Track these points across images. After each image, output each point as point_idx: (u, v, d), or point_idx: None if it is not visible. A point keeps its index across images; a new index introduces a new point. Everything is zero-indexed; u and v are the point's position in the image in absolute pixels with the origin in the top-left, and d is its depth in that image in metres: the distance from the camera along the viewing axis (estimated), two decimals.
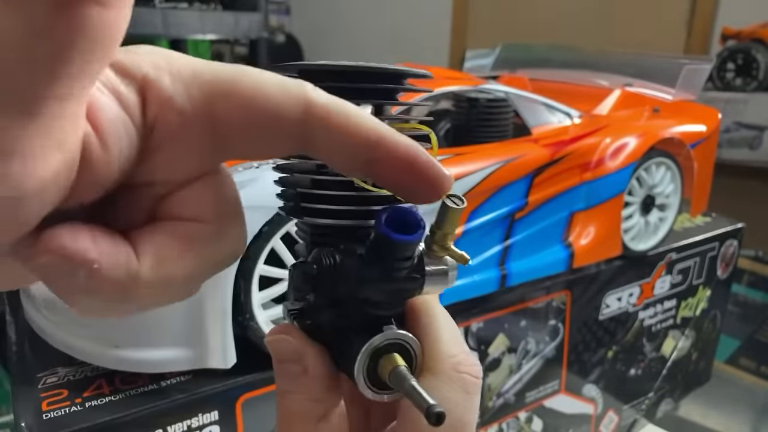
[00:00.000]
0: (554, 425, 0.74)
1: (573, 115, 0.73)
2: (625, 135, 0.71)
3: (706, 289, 0.88)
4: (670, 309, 0.84)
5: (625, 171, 0.70)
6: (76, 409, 0.44)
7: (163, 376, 0.48)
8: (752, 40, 1.38)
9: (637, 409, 0.85)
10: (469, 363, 0.21)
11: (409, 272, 0.20)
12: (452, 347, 0.21)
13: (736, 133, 1.36)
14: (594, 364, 0.76)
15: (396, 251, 0.19)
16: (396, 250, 0.19)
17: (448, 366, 0.21)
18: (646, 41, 1.83)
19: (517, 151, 0.63)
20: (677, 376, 0.89)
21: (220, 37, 1.46)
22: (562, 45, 1.20)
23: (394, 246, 0.19)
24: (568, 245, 0.69)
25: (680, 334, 0.87)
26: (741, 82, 1.37)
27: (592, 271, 0.71)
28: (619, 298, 0.75)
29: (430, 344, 0.21)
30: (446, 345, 0.21)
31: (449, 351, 0.21)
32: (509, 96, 0.68)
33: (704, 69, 0.83)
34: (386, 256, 0.19)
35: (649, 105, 0.83)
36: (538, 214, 0.66)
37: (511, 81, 0.90)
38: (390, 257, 0.20)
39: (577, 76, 0.89)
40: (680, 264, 0.82)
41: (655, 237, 0.77)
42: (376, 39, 2.32)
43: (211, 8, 1.34)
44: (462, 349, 0.21)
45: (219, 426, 0.48)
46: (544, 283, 0.67)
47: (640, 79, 0.86)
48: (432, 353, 0.21)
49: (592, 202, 0.69)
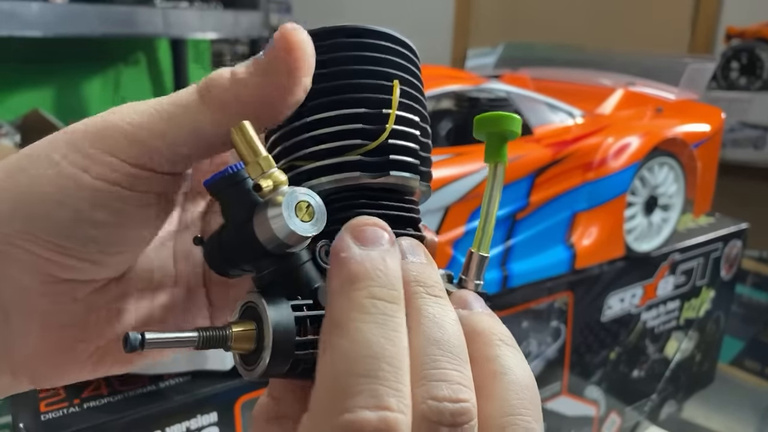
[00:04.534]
0: (556, 427, 0.74)
1: (575, 114, 0.72)
2: (627, 135, 0.71)
3: (709, 290, 0.87)
4: (673, 310, 0.83)
5: (628, 171, 0.69)
6: (74, 410, 0.44)
7: (161, 377, 0.48)
8: (757, 39, 1.37)
9: (640, 411, 0.85)
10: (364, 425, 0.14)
11: (237, 217, 0.19)
12: (338, 396, 0.15)
13: (741, 133, 1.36)
14: (596, 366, 0.76)
15: (216, 198, 0.20)
16: (213, 196, 0.20)
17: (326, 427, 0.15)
18: (649, 40, 1.82)
19: (518, 151, 0.63)
20: (680, 377, 0.89)
21: (221, 36, 1.46)
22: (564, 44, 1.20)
23: (211, 194, 0.20)
24: (570, 246, 0.69)
25: (683, 335, 0.86)
26: (745, 82, 1.37)
27: (595, 272, 0.71)
28: (622, 299, 0.75)
29: (315, 383, 0.16)
30: (329, 391, 0.15)
31: (331, 403, 0.15)
32: (511, 95, 0.68)
33: (708, 68, 0.83)
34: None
35: (652, 104, 0.82)
36: (540, 214, 0.66)
37: (513, 80, 0.89)
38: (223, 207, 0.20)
39: (580, 76, 0.89)
40: (683, 265, 0.81)
41: (658, 237, 0.76)
42: None
43: (211, 7, 1.34)
44: (362, 401, 0.14)
45: (218, 427, 0.47)
46: (546, 284, 0.67)
47: (643, 79, 0.86)
48: (312, 400, 0.16)
49: (595, 203, 0.69)
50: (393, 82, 0.20)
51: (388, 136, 0.20)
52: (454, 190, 0.57)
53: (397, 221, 0.20)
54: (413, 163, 0.21)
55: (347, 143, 0.20)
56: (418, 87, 0.22)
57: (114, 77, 1.37)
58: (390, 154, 0.20)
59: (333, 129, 0.20)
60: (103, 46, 1.35)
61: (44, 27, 1.05)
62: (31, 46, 1.21)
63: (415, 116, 0.21)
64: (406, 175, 0.21)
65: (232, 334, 0.18)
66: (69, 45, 1.24)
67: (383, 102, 0.20)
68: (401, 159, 0.20)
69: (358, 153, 0.20)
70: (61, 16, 1.08)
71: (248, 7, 1.41)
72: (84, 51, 1.32)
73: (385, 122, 0.20)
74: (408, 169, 0.21)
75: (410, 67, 0.22)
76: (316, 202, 0.18)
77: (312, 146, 0.20)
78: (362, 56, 0.20)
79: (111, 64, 1.36)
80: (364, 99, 0.20)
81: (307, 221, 0.18)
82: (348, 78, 0.20)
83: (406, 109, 0.21)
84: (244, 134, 0.18)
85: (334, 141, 0.20)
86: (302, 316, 0.18)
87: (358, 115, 0.20)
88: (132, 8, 1.17)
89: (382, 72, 0.21)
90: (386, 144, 0.20)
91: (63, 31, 1.09)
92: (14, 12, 1.01)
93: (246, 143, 0.18)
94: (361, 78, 0.20)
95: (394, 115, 0.20)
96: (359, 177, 0.20)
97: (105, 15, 1.13)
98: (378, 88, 0.20)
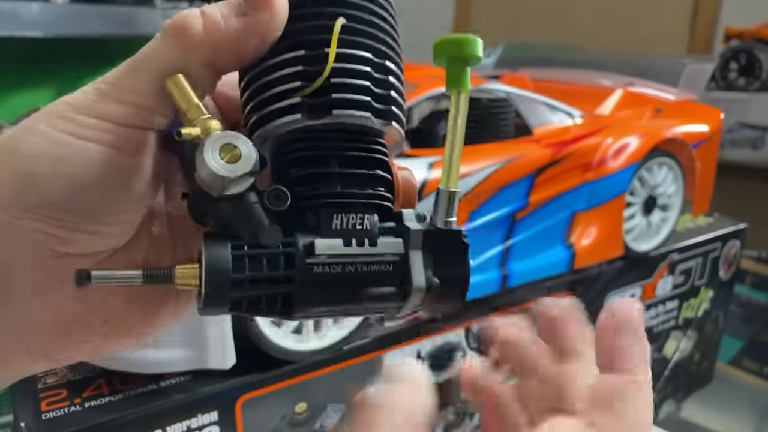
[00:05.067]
0: None
1: (575, 114, 0.73)
2: (627, 135, 0.71)
3: (708, 290, 0.87)
4: (672, 310, 0.83)
5: (627, 171, 0.69)
6: (75, 409, 0.44)
7: (162, 376, 0.48)
8: (755, 39, 1.37)
9: None
10: None
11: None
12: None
13: (739, 133, 1.36)
14: None
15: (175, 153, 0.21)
16: (173, 153, 0.21)
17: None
18: (648, 41, 1.82)
19: (518, 151, 0.63)
20: (679, 377, 0.89)
21: None
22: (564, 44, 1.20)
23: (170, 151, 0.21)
24: (569, 246, 0.69)
25: (682, 335, 0.87)
26: (744, 82, 1.37)
27: (594, 271, 0.71)
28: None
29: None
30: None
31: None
32: (510, 96, 0.68)
33: (707, 69, 0.83)
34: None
35: (652, 105, 0.82)
36: (540, 214, 0.66)
37: (513, 80, 0.89)
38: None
39: (579, 76, 0.89)
40: (682, 265, 0.81)
41: (657, 237, 0.76)
42: None
43: None
44: None
45: (218, 426, 0.47)
46: (545, 284, 0.67)
47: (642, 79, 0.86)
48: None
49: (594, 203, 0.69)
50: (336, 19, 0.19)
51: (332, 75, 0.19)
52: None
53: (353, 161, 0.20)
54: (361, 101, 0.20)
55: (288, 87, 0.19)
56: (382, 28, 0.21)
57: None
58: (333, 93, 0.19)
59: (275, 75, 0.20)
60: (103, 46, 1.35)
61: (44, 27, 1.05)
62: (31, 46, 1.21)
63: (368, 53, 0.20)
64: (353, 113, 0.19)
65: (176, 271, 0.19)
66: (69, 45, 1.24)
67: (326, 42, 0.19)
68: (345, 97, 0.19)
69: (300, 95, 0.19)
70: (62, 16, 1.08)
71: None
72: (84, 51, 1.32)
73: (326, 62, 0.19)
74: (355, 106, 0.19)
75: (370, 7, 0.20)
76: (244, 145, 0.18)
77: (257, 96, 0.20)
78: (312, 2, 0.20)
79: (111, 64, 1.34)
80: (306, 41, 0.19)
81: (232, 162, 0.18)
82: (294, 23, 0.20)
83: (356, 47, 0.20)
84: (178, 86, 0.18)
85: (276, 87, 0.20)
86: (239, 255, 0.18)
87: (298, 58, 0.19)
88: (132, 9, 1.17)
89: (329, 13, 0.20)
90: (329, 84, 0.19)
91: (63, 32, 1.09)
92: (14, 12, 1.01)
93: (180, 94, 0.18)
94: (306, 21, 0.20)
95: (333, 52, 0.19)
96: (301, 120, 0.19)
97: (105, 15, 1.13)
98: (322, 29, 0.19)
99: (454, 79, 0.20)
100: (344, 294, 0.20)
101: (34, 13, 1.03)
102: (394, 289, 0.20)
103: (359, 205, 0.20)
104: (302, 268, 0.19)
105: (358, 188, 0.20)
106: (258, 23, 0.18)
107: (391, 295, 0.20)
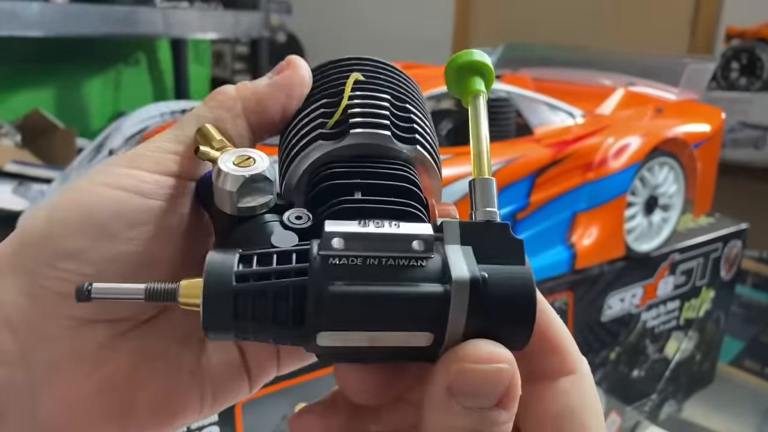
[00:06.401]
0: None
1: (576, 114, 0.73)
2: (628, 135, 0.71)
3: (709, 291, 0.87)
4: (673, 310, 0.83)
5: (628, 171, 0.69)
6: None
7: None
8: (757, 39, 1.37)
9: (640, 411, 0.85)
10: None
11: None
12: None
13: (741, 133, 1.36)
14: (596, 366, 0.76)
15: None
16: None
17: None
18: (649, 40, 1.82)
19: (519, 151, 0.63)
20: (680, 377, 0.89)
21: (221, 37, 1.46)
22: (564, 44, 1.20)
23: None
24: (570, 246, 0.69)
25: (683, 335, 0.86)
26: (745, 82, 1.37)
27: (595, 271, 0.71)
28: (622, 299, 0.75)
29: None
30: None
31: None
32: (511, 95, 0.68)
33: (708, 68, 0.83)
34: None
35: (653, 104, 0.82)
36: (540, 214, 0.66)
37: (514, 80, 0.89)
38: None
39: (580, 76, 0.89)
40: (683, 265, 0.81)
41: (658, 238, 0.76)
42: (378, 38, 2.31)
43: (211, 7, 1.34)
44: None
45: (218, 427, 0.47)
46: (546, 284, 0.67)
47: (643, 79, 0.86)
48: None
49: (595, 203, 0.69)
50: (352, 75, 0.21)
51: (351, 107, 0.20)
52: (455, 190, 0.57)
53: (376, 189, 0.19)
54: (380, 123, 0.20)
55: (311, 126, 0.21)
56: (398, 79, 0.22)
57: (114, 77, 1.37)
58: (351, 119, 0.20)
59: (301, 124, 0.21)
60: (103, 46, 1.35)
61: (45, 27, 1.05)
62: (32, 46, 1.21)
63: (384, 94, 0.21)
64: (370, 131, 0.20)
65: (179, 287, 0.17)
66: (69, 45, 1.24)
67: (342, 92, 0.21)
68: (364, 120, 0.20)
69: (322, 130, 0.20)
70: (62, 16, 1.08)
71: (248, 8, 1.41)
72: (84, 51, 1.32)
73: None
74: (373, 126, 0.20)
75: (385, 69, 0.22)
76: (258, 155, 0.19)
77: (288, 143, 0.21)
78: (334, 68, 0.22)
79: (111, 64, 1.36)
80: (328, 94, 0.21)
81: (245, 166, 0.19)
82: (319, 85, 0.22)
83: (373, 90, 0.21)
84: (204, 131, 0.20)
85: (302, 131, 0.21)
86: (248, 255, 0.17)
87: (320, 106, 0.21)
88: (132, 8, 1.17)
89: (346, 72, 0.22)
90: (348, 113, 0.20)
91: (63, 31, 1.09)
92: (15, 12, 1.01)
93: (205, 138, 0.20)
94: (329, 79, 0.22)
95: (350, 86, 0.21)
96: (324, 146, 0.20)
97: (105, 15, 1.13)
98: (341, 82, 0.21)
99: (471, 88, 0.22)
100: (370, 296, 0.16)
101: (34, 13, 1.03)
102: (438, 288, 0.16)
103: (383, 211, 0.18)
104: (316, 260, 0.16)
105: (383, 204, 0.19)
106: (282, 79, 0.21)
107: (430, 299, 0.16)
